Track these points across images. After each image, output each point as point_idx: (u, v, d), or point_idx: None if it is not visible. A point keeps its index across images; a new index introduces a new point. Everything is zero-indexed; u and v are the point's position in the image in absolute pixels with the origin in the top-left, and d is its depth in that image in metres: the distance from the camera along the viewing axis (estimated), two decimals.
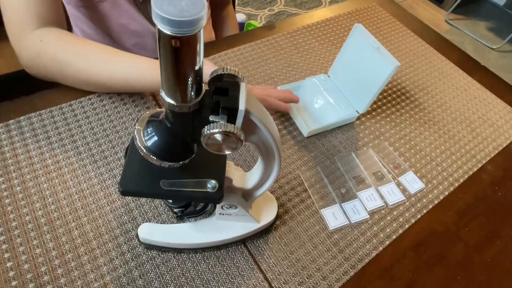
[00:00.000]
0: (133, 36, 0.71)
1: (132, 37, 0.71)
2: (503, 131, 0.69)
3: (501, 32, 2.42)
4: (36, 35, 0.53)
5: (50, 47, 0.53)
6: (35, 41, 0.53)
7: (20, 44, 0.54)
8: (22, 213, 0.47)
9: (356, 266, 0.48)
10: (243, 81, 0.31)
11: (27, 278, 0.42)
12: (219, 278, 0.45)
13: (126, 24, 0.69)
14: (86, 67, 0.54)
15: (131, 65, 0.54)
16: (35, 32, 0.53)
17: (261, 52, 0.75)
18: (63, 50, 0.54)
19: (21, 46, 0.54)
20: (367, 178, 0.57)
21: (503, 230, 0.55)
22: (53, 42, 0.54)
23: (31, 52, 0.54)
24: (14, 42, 0.54)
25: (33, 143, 0.53)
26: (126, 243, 0.46)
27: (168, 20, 0.21)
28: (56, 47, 0.53)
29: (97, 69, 0.54)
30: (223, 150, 0.30)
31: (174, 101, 0.28)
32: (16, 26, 0.53)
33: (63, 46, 0.54)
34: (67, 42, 0.54)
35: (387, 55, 0.57)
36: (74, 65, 0.54)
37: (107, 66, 0.54)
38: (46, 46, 0.53)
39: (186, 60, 0.25)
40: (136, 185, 0.34)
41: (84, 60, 0.54)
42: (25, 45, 0.54)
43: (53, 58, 0.53)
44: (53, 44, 0.53)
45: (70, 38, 0.55)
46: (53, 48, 0.53)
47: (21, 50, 0.54)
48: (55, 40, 0.54)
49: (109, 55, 0.55)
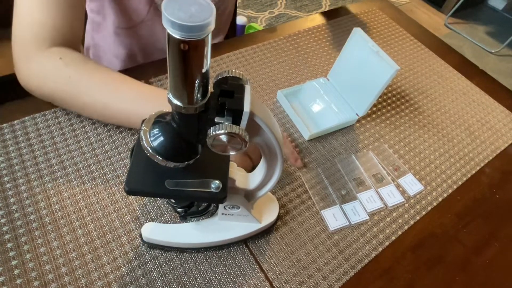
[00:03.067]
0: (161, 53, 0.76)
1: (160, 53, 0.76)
2: (501, 134, 0.70)
3: (500, 36, 2.44)
4: (54, 52, 0.50)
5: (71, 67, 0.50)
6: (52, 58, 0.50)
7: (29, 57, 0.50)
8: (27, 212, 0.47)
9: (356, 266, 0.49)
10: (247, 84, 0.32)
11: (32, 276, 0.43)
12: (221, 277, 0.46)
13: (154, 42, 0.74)
14: (108, 101, 0.51)
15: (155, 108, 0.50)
16: (53, 49, 0.50)
17: (263, 55, 0.76)
18: (87, 72, 0.51)
19: (33, 60, 0.50)
20: (367, 180, 0.58)
21: (501, 232, 0.56)
22: (75, 63, 0.51)
23: (45, 68, 0.50)
24: (22, 54, 0.50)
25: (38, 143, 0.54)
26: (129, 243, 0.47)
27: (178, 25, 0.22)
28: (80, 68, 0.51)
29: (120, 107, 0.51)
30: (228, 150, 0.31)
31: (181, 103, 0.28)
32: (30, 38, 0.49)
33: (88, 69, 0.51)
34: (92, 68, 0.52)
35: (386, 58, 0.57)
36: (94, 93, 0.51)
37: (132, 107, 0.51)
38: (66, 65, 0.50)
39: (194, 63, 0.26)
40: (142, 184, 0.35)
41: (108, 94, 0.51)
42: (35, 61, 0.50)
43: (72, 78, 0.50)
44: (76, 65, 0.51)
45: (93, 64, 0.52)
46: (75, 69, 0.50)
47: (30, 64, 0.50)
48: (80, 61, 0.51)
49: (137, 96, 0.51)
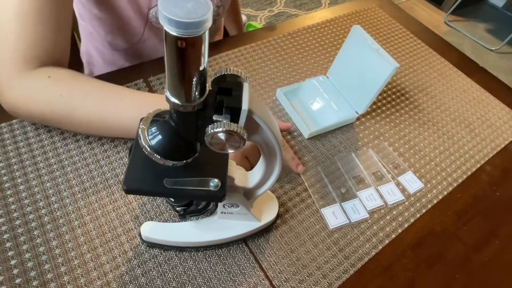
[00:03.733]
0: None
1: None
2: (501, 132, 0.70)
3: (500, 34, 2.44)
4: (41, 72, 0.48)
5: (61, 85, 0.48)
6: (40, 77, 0.48)
7: (16, 80, 0.47)
8: (26, 212, 0.47)
9: (356, 264, 0.49)
10: (246, 82, 0.32)
11: (31, 275, 0.42)
12: (220, 276, 0.45)
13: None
14: (105, 115, 0.50)
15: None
16: (40, 69, 0.48)
17: (262, 53, 0.76)
18: (79, 86, 0.49)
19: (19, 82, 0.47)
20: (367, 178, 0.58)
21: (502, 230, 0.56)
22: (65, 80, 0.49)
23: (33, 89, 0.48)
24: (5, 76, 0.47)
25: (36, 142, 0.54)
26: (129, 242, 0.47)
27: (175, 22, 0.22)
28: (70, 84, 0.49)
29: (120, 120, 0.49)
30: (227, 149, 0.30)
31: (178, 101, 0.28)
32: (15, 58, 0.46)
33: (80, 83, 0.49)
34: (84, 83, 0.50)
35: (386, 56, 0.57)
36: (88, 109, 0.49)
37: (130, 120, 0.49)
38: (56, 83, 0.48)
39: (191, 60, 0.25)
40: (140, 183, 0.35)
41: (105, 108, 0.49)
42: (21, 82, 0.47)
43: (63, 96, 0.48)
44: (66, 82, 0.49)
45: (84, 79, 0.51)
46: (65, 86, 0.48)
47: (16, 87, 0.47)
48: (70, 77, 0.49)
49: (137, 106, 0.50)
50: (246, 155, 0.53)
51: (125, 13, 0.63)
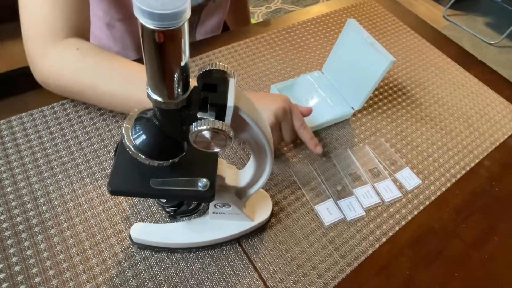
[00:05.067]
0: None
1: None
2: (500, 126, 0.68)
3: (499, 28, 2.42)
4: (69, 43, 0.50)
5: (89, 57, 0.50)
6: (69, 49, 0.50)
7: (45, 49, 0.50)
8: (13, 215, 0.46)
9: (353, 263, 0.48)
10: (232, 77, 0.30)
11: (18, 280, 0.41)
12: (213, 277, 0.44)
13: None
14: (129, 90, 0.50)
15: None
16: (68, 40, 0.50)
17: (256, 49, 0.74)
18: (106, 61, 0.50)
19: (47, 52, 0.50)
20: (363, 175, 0.57)
21: (501, 226, 0.55)
22: (93, 53, 0.50)
23: (63, 60, 0.50)
24: (37, 47, 0.50)
25: (25, 143, 0.53)
26: (119, 243, 0.45)
27: (150, 14, 0.21)
28: (97, 58, 0.50)
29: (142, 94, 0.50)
30: (212, 147, 0.29)
31: (160, 98, 0.27)
32: (43, 30, 0.49)
33: (106, 58, 0.51)
34: (110, 58, 0.51)
35: (382, 50, 0.56)
36: (113, 82, 0.50)
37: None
38: (84, 55, 0.50)
39: (171, 55, 0.24)
40: (126, 184, 0.33)
41: (128, 82, 0.50)
42: (51, 52, 0.50)
43: (91, 68, 0.50)
44: (93, 55, 0.50)
45: (110, 54, 0.52)
46: (93, 58, 0.50)
47: (46, 58, 0.50)
48: (97, 51, 0.51)
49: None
50: (281, 123, 0.52)
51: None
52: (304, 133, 0.54)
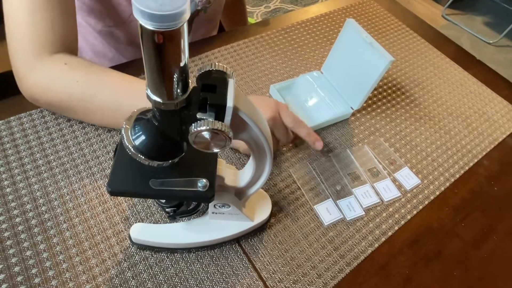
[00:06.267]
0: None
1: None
2: (499, 126, 0.69)
3: (498, 27, 2.42)
4: (57, 58, 0.49)
5: (78, 71, 0.49)
6: (57, 64, 0.49)
7: (33, 65, 0.49)
8: (13, 215, 0.46)
9: (352, 263, 0.48)
10: (232, 78, 0.30)
11: (18, 280, 0.41)
12: (213, 277, 0.44)
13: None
14: (121, 102, 0.49)
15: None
16: (56, 56, 0.49)
17: (255, 48, 0.74)
18: (95, 75, 0.50)
19: (35, 68, 0.49)
20: (363, 175, 0.57)
21: (500, 225, 0.55)
22: (82, 67, 0.50)
23: (51, 76, 0.49)
24: (24, 63, 0.49)
25: (23, 143, 0.53)
26: (119, 244, 0.45)
27: (149, 15, 0.21)
28: (86, 71, 0.50)
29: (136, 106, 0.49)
30: (212, 148, 0.29)
31: (160, 99, 0.27)
32: (31, 46, 0.48)
33: (96, 72, 0.50)
34: (99, 71, 0.51)
35: (380, 50, 0.56)
36: (104, 95, 0.49)
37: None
38: (73, 69, 0.49)
39: (170, 56, 0.24)
40: (125, 185, 0.33)
41: (121, 95, 0.50)
42: (39, 68, 0.49)
43: (80, 82, 0.49)
44: (82, 69, 0.50)
45: (99, 67, 0.51)
46: (82, 72, 0.49)
47: (34, 73, 0.49)
48: (85, 65, 0.50)
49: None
50: (273, 130, 0.51)
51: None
52: (299, 130, 0.53)
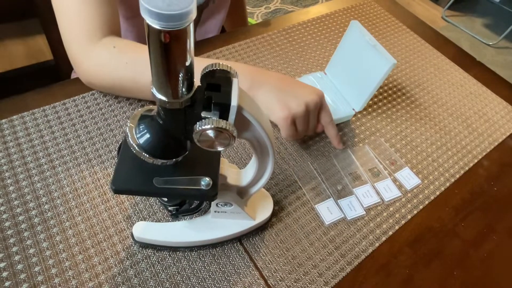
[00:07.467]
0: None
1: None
2: (498, 126, 0.69)
3: (497, 29, 2.43)
4: (106, 42, 0.53)
5: (126, 53, 0.52)
6: (107, 47, 0.52)
7: (86, 51, 0.52)
8: (16, 213, 0.46)
9: (353, 262, 0.48)
10: (235, 77, 0.31)
11: (21, 278, 0.42)
12: (215, 276, 0.45)
13: None
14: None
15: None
16: (104, 40, 0.53)
17: (257, 49, 0.75)
18: (142, 54, 0.52)
19: (88, 54, 0.53)
20: (363, 175, 0.57)
21: (500, 225, 0.55)
22: (128, 49, 0.53)
23: (102, 59, 0.53)
24: (79, 50, 0.53)
25: (26, 142, 0.53)
26: (121, 242, 0.46)
27: (156, 14, 0.21)
28: (134, 52, 0.53)
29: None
30: (216, 146, 0.30)
31: (165, 97, 0.27)
32: (82, 34, 0.52)
33: (142, 52, 0.53)
34: (145, 50, 0.52)
35: (383, 53, 0.56)
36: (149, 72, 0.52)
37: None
38: (121, 51, 0.52)
39: (176, 55, 0.24)
40: (129, 183, 0.34)
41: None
42: (92, 53, 0.52)
43: (129, 63, 0.52)
44: (130, 51, 0.53)
45: (144, 47, 0.53)
46: (129, 54, 0.52)
47: (88, 59, 0.53)
48: (132, 46, 0.53)
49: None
50: (295, 119, 0.52)
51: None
52: (331, 129, 0.57)
